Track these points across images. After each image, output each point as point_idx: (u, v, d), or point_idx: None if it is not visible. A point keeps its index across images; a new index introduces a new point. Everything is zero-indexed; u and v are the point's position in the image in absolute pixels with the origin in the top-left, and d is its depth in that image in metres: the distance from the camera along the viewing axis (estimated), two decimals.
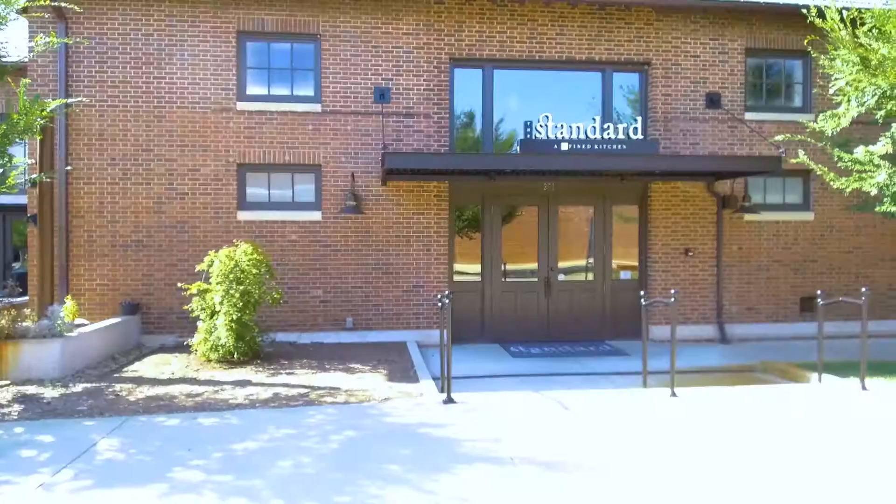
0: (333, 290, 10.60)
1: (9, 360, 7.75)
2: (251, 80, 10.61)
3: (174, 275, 10.31)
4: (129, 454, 5.25)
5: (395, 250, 10.71)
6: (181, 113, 10.34)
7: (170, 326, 10.32)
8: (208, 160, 10.40)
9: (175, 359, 9.01)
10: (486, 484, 4.55)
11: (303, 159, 10.56)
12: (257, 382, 7.60)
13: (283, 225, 10.54)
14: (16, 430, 5.99)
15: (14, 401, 6.90)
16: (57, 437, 5.74)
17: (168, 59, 10.31)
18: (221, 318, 8.31)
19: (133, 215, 10.25)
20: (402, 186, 10.71)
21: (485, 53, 10.92)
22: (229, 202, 10.45)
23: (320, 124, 10.58)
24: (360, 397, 6.90)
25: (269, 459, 5.07)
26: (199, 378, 7.86)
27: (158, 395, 7.08)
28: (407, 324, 10.72)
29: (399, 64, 10.73)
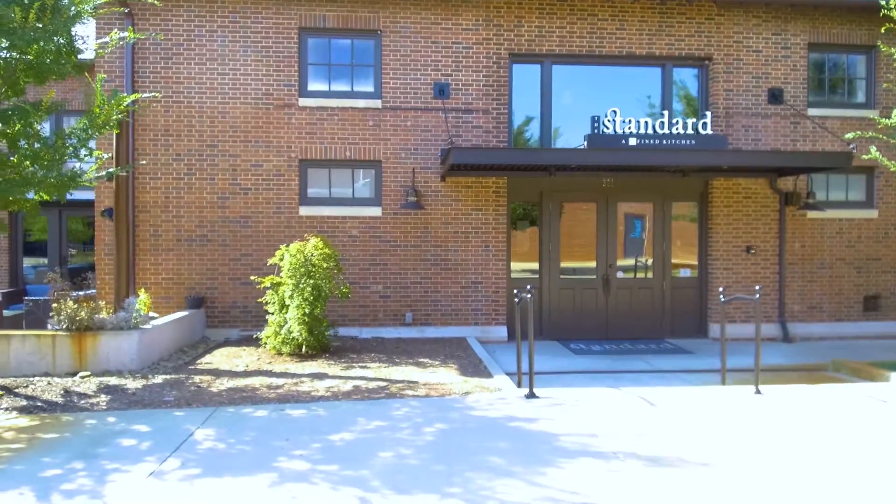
0: (393, 285, 10.64)
1: (88, 352, 7.90)
2: (312, 76, 10.69)
3: (238, 269, 10.44)
4: (229, 444, 5.32)
5: (453, 246, 10.72)
6: (244, 109, 10.45)
7: (233, 320, 10.45)
8: (271, 156, 10.50)
9: (244, 352, 9.11)
10: (596, 478, 4.52)
11: (363, 155, 10.61)
12: (333, 375, 7.65)
13: (344, 220, 10.60)
14: (109, 419, 6.10)
15: (99, 391, 7.03)
16: (152, 426, 5.83)
17: (231, 56, 10.42)
18: (293, 312, 8.38)
19: (197, 210, 10.39)
20: (461, 182, 10.71)
21: (544, 49, 10.86)
22: (291, 198, 10.54)
23: (380, 120, 10.62)
24: (440, 391, 6.91)
25: (368, 450, 5.10)
26: (274, 370, 7.94)
27: (239, 387, 7.17)
28: (465, 320, 10.72)
29: (458, 59, 10.73)
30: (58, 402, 6.64)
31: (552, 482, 4.44)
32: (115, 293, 8.25)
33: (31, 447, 5.32)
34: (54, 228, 14.75)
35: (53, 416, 6.22)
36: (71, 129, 7.21)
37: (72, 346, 7.87)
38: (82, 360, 7.89)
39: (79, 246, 15.50)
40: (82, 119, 7.25)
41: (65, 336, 7.86)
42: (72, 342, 7.87)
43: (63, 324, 7.90)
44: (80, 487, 4.47)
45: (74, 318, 7.87)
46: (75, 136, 7.21)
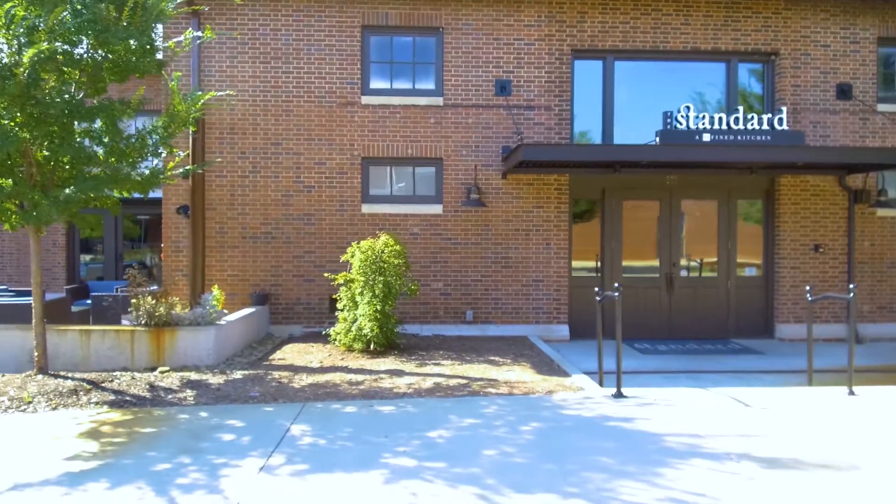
0: (454, 283, 10.61)
1: (165, 347, 8.00)
2: (374, 74, 10.70)
3: (301, 266, 10.51)
4: (329, 440, 5.32)
5: (514, 244, 10.65)
6: (308, 107, 10.51)
7: (296, 317, 10.51)
8: (334, 153, 10.54)
9: (313, 348, 9.15)
10: (716, 480, 4.43)
11: (424, 153, 10.59)
12: (410, 372, 7.64)
13: (406, 218, 10.60)
14: (201, 414, 6.16)
15: (183, 386, 7.11)
16: (245, 422, 5.87)
17: (295, 54, 10.48)
18: (364, 309, 8.39)
19: (262, 207, 10.48)
20: (522, 179, 10.64)
21: (607, 44, 10.74)
22: (354, 195, 10.57)
23: (441, 118, 10.60)
24: (522, 389, 6.86)
25: (470, 448, 5.07)
26: (350, 367, 7.96)
27: (319, 383, 7.19)
28: (526, 318, 10.65)
29: (520, 56, 10.66)
30: (145, 396, 6.73)
31: (671, 483, 4.36)
32: (191, 289, 8.34)
33: (133, 441, 5.39)
34: (110, 226, 15.00)
35: (144, 410, 6.30)
36: (152, 126, 7.31)
37: (150, 341, 7.97)
38: (160, 355, 7.99)
39: (127, 243, 15.77)
40: (162, 117, 7.34)
41: (143, 331, 7.97)
42: (150, 337, 7.97)
43: (141, 319, 8.01)
44: (194, 482, 4.51)
45: (153, 314, 7.97)
46: (156, 133, 7.31)
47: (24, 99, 6.26)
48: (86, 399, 6.57)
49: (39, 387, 6.73)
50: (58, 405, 6.39)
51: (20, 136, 6.35)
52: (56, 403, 6.42)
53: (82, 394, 6.70)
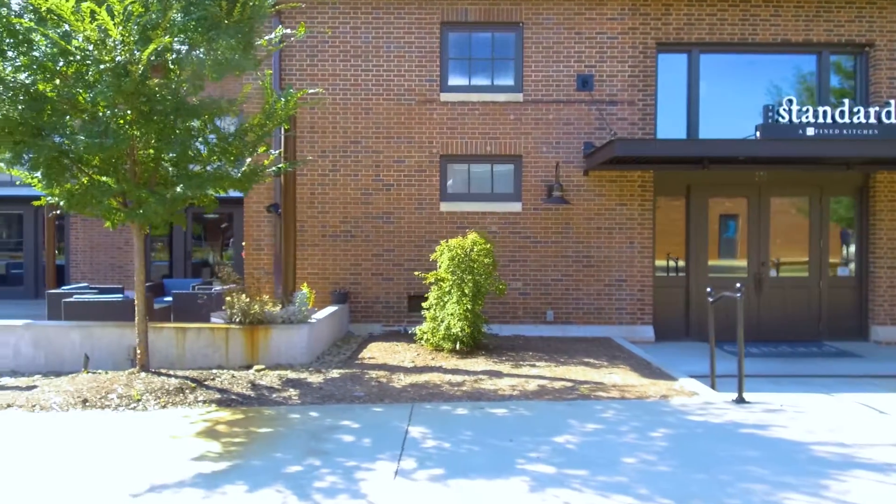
0: (533, 282, 10.41)
1: (260, 345, 7.99)
2: (453, 70, 10.57)
3: (380, 265, 10.44)
4: (453, 443, 5.18)
5: (596, 243, 10.40)
6: (387, 105, 10.43)
7: (376, 315, 10.45)
8: (412, 151, 10.44)
9: (399, 347, 9.06)
10: (890, 494, 4.15)
11: (503, 150, 10.42)
12: (508, 374, 7.48)
13: (484, 216, 10.45)
14: (311, 414, 6.09)
15: (284, 385, 7.07)
16: (359, 423, 5.78)
17: (375, 52, 10.41)
18: (454, 308, 8.26)
19: (342, 206, 10.43)
20: (605, 176, 10.38)
21: (693, 37, 10.40)
22: (432, 193, 10.45)
23: (521, 114, 10.41)
24: (634, 393, 6.63)
25: (605, 455, 4.87)
26: (444, 367, 7.83)
27: (419, 383, 7.08)
28: (608, 319, 10.39)
29: (602, 50, 10.40)
30: (250, 395, 6.70)
31: (841, 496, 4.10)
32: (283, 287, 8.33)
33: (253, 442, 5.34)
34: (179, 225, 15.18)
35: (253, 409, 6.26)
36: (249, 124, 7.28)
37: (244, 339, 7.97)
38: (254, 353, 7.98)
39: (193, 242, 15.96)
40: (257, 115, 7.30)
41: (237, 329, 7.98)
42: (244, 335, 7.97)
43: (236, 317, 8.01)
44: (333, 486, 4.41)
45: (248, 312, 7.97)
46: (254, 131, 7.28)
47: (135, 97, 6.28)
48: (192, 397, 6.57)
49: (145, 384, 6.75)
50: (166, 403, 6.40)
51: (130, 134, 6.38)
52: (164, 401, 6.43)
53: (188, 392, 6.70)
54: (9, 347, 7.94)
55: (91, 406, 6.30)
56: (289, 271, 8.27)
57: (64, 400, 6.39)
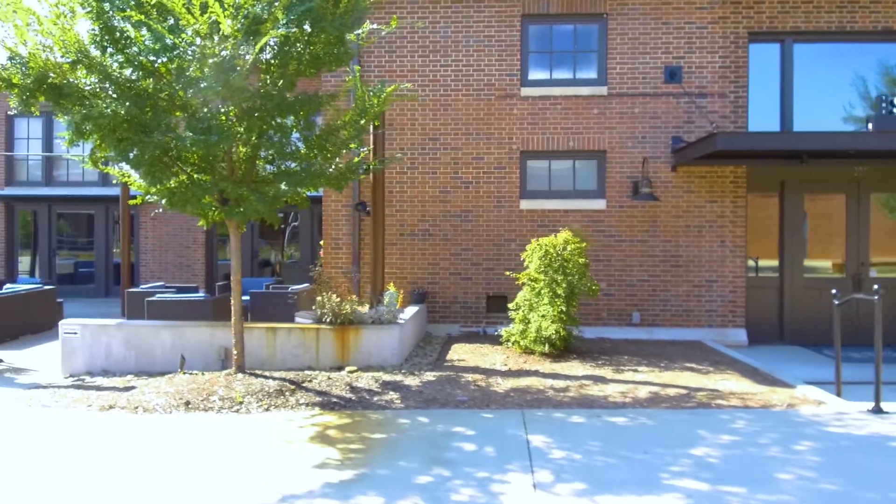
0: (618, 283, 10.04)
1: (350, 346, 7.83)
2: (534, 64, 10.26)
3: (458, 264, 10.21)
4: (583, 454, 4.89)
5: (684, 241, 9.98)
6: (466, 101, 10.18)
7: (453, 316, 10.22)
8: (492, 148, 10.18)
9: (486, 349, 8.80)
10: None
11: (586, 145, 10.07)
12: (612, 379, 7.15)
13: (566, 214, 10.12)
14: (420, 419, 5.87)
15: (382, 387, 6.87)
16: (474, 430, 5.53)
17: (454, 47, 10.17)
18: (546, 309, 7.96)
19: (420, 204, 10.23)
20: (694, 172, 9.95)
21: (787, 26, 9.89)
22: (512, 191, 10.17)
23: (605, 108, 10.04)
24: (756, 402, 6.24)
25: (752, 469, 4.52)
26: (540, 371, 7.55)
27: (521, 388, 6.81)
28: (698, 321, 9.95)
29: (691, 41, 9.96)
30: (350, 398, 6.52)
31: None
32: (372, 287, 8.17)
33: (370, 448, 5.14)
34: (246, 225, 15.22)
35: (358, 413, 6.08)
36: (342, 121, 7.09)
37: (335, 339, 7.82)
38: (345, 354, 7.82)
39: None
40: (349, 112, 7.10)
41: (328, 330, 7.82)
42: (335, 336, 7.82)
43: (326, 317, 7.86)
44: (472, 499, 4.16)
45: (338, 312, 7.81)
46: (346, 128, 7.10)
47: (240, 92, 6.16)
48: (293, 400, 6.42)
49: (245, 386, 6.63)
50: (269, 406, 6.26)
51: (234, 131, 6.26)
52: (266, 404, 6.29)
53: (288, 394, 6.55)
54: (101, 347, 7.93)
55: (194, 408, 6.20)
56: (377, 271, 8.09)
57: (166, 402, 6.31)
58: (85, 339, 7.92)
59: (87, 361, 7.90)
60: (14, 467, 4.75)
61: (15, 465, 4.78)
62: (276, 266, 16.08)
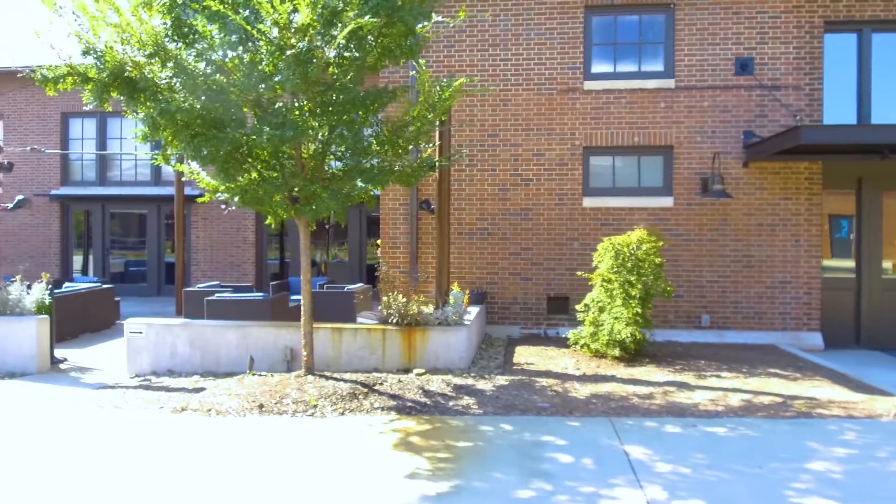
0: (686, 284, 9.66)
1: (417, 347, 7.61)
2: (597, 57, 9.93)
3: (518, 264, 9.93)
4: (691, 468, 4.59)
5: (756, 241, 9.55)
6: (527, 95, 9.90)
7: (513, 317, 9.95)
8: (553, 144, 9.88)
9: (552, 352, 8.52)
10: None
11: (652, 140, 9.71)
12: (697, 385, 6.81)
13: (631, 212, 9.77)
14: (503, 426, 5.62)
15: (455, 391, 6.64)
16: (565, 439, 5.26)
17: (514, 40, 9.90)
18: (620, 311, 7.64)
19: (478, 202, 9.99)
20: (767, 168, 9.52)
21: (866, 14, 9.40)
22: (574, 188, 9.85)
23: (673, 101, 9.67)
24: (860, 411, 5.86)
25: (882, 486, 4.18)
26: (617, 376, 7.24)
27: (601, 394, 6.51)
28: (770, 324, 9.52)
29: (763, 31, 9.53)
30: (425, 402, 6.30)
31: None
32: (437, 287, 7.97)
33: (459, 457, 4.90)
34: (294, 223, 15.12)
35: (436, 418, 5.85)
36: (409, 116, 6.87)
37: (401, 341, 7.61)
38: (411, 356, 7.61)
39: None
40: (416, 107, 6.87)
41: (395, 331, 7.62)
42: (401, 337, 7.61)
43: (392, 318, 7.66)
44: None
45: (405, 313, 7.60)
46: (414, 124, 6.87)
47: (317, 85, 5.98)
48: (367, 403, 6.22)
49: (317, 389, 6.46)
50: (343, 410, 6.07)
51: (309, 125, 6.08)
52: (341, 408, 6.10)
53: (361, 398, 6.36)
54: (166, 347, 7.85)
55: (267, 412, 6.04)
56: (443, 271, 7.88)
57: (239, 404, 6.17)
58: (150, 339, 7.85)
59: (153, 361, 7.83)
60: (96, 473, 4.63)
61: (97, 471, 4.66)
62: (320, 266, 15.98)
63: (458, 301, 7.88)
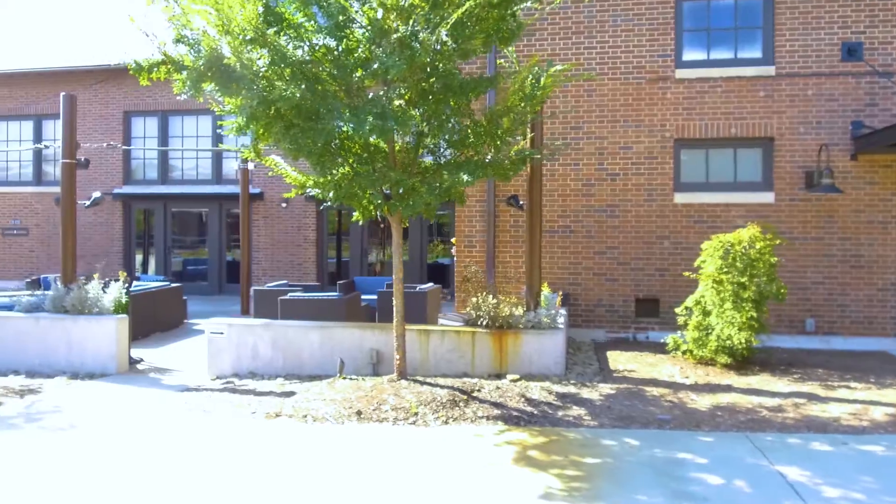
0: (789, 285, 8.84)
1: (508, 352, 7.16)
2: (689, 43, 9.33)
3: (603, 264, 9.40)
4: (865, 493, 4.04)
5: (866, 239, 8.83)
6: (612, 85, 9.36)
7: (598, 320, 9.42)
8: (641, 136, 9.32)
9: (650, 358, 7.97)
10: None
11: (750, 132, 9.07)
12: (827, 397, 6.21)
13: (727, 209, 9.14)
14: (628, 441, 5.13)
15: (560, 400, 6.17)
16: (705, 457, 4.75)
17: (599, 27, 9.37)
18: (733, 315, 7.06)
19: (560, 198, 9.49)
20: (878, 161, 8.80)
21: None
22: (664, 183, 9.27)
23: (773, 90, 9.01)
24: None
25: None
26: (734, 385, 6.67)
27: (724, 406, 5.97)
28: (882, 330, 8.79)
29: (873, 13, 8.81)
30: (531, 411, 5.84)
31: None
32: (528, 288, 7.52)
33: (591, 476, 4.45)
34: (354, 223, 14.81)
35: (550, 430, 5.40)
36: (503, 106, 6.43)
37: (492, 344, 7.17)
38: (502, 361, 7.16)
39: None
40: (510, 96, 6.42)
41: (485, 334, 7.18)
42: (492, 340, 7.17)
43: (482, 320, 7.23)
44: None
45: (496, 315, 7.16)
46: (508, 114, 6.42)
47: (420, 72, 5.59)
48: (470, 412, 5.80)
49: (415, 395, 6.07)
50: (447, 419, 5.66)
51: (410, 115, 5.68)
52: (443, 416, 5.69)
53: (462, 405, 5.94)
54: (247, 348, 7.57)
55: (366, 419, 5.67)
56: (534, 270, 7.42)
57: (335, 410, 5.81)
58: (231, 340, 7.57)
59: (234, 362, 7.55)
60: (206, 484, 4.30)
61: (206, 482, 4.34)
62: (375, 265, 15.65)
63: (551, 303, 7.41)
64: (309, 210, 14.69)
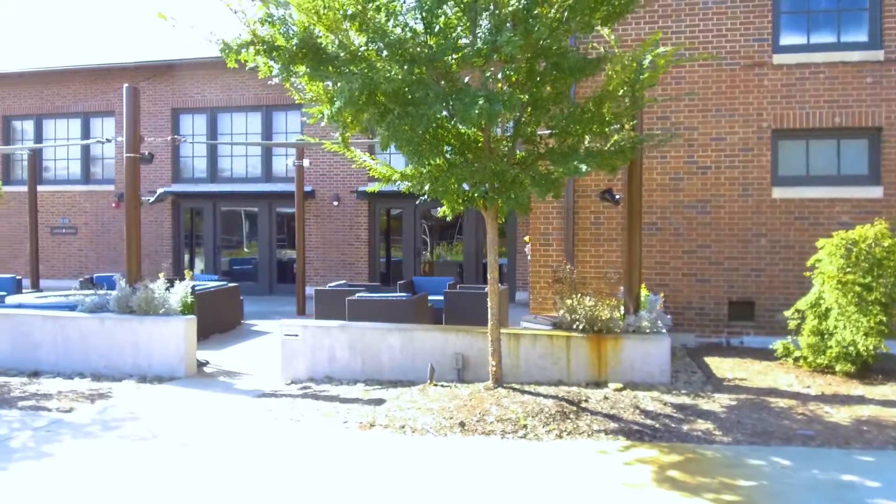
0: None
1: (608, 358, 6.59)
2: (787, 27, 8.66)
3: (692, 263, 8.76)
4: None
5: None
6: (703, 72, 8.72)
7: (687, 324, 8.78)
8: (735, 126, 8.66)
9: (755, 365, 7.32)
10: None
11: (855, 121, 8.36)
12: None
13: (830, 204, 8.45)
14: (776, 459, 4.53)
15: (681, 413, 5.58)
16: (877, 480, 4.14)
17: (688, 10, 8.75)
18: (859, 320, 6.39)
19: (646, 194, 8.79)
20: None
21: None
22: (761, 176, 8.61)
23: (882, 76, 8.29)
24: None
25: None
26: (868, 397, 6.01)
27: (865, 419, 5.33)
28: None
29: None
30: (652, 424, 5.27)
31: None
32: (627, 289, 6.93)
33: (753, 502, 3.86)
34: (409, 220, 14.38)
35: (683, 447, 4.82)
36: (605, 90, 5.87)
37: (589, 350, 6.61)
38: (601, 368, 6.59)
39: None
40: (612, 80, 5.85)
41: (580, 338, 6.62)
42: (589, 346, 6.60)
43: (579, 324, 6.66)
44: None
45: (594, 319, 6.59)
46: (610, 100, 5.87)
47: (532, 51, 5.07)
48: (584, 425, 5.24)
49: (518, 405, 5.54)
50: (560, 432, 5.12)
51: (518, 99, 5.15)
52: (555, 429, 5.15)
53: (572, 417, 5.39)
54: (323, 350, 7.11)
55: (471, 431, 5.16)
56: (633, 270, 6.84)
57: (435, 421, 5.31)
58: (307, 342, 7.13)
59: (310, 366, 7.10)
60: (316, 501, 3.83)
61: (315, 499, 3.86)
62: (424, 265, 15.14)
63: (652, 305, 6.82)
64: (361, 208, 14.28)
